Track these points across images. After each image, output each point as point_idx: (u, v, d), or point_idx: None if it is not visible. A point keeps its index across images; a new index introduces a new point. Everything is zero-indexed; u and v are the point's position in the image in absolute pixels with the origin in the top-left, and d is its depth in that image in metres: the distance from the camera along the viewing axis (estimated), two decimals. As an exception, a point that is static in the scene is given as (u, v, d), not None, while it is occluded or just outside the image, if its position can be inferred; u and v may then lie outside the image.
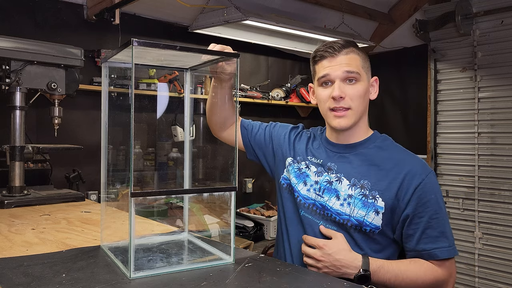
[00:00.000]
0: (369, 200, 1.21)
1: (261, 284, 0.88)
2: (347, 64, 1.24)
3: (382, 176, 1.23)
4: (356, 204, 1.22)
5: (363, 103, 1.28)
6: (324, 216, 1.27)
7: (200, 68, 1.23)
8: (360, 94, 1.26)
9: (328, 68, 1.26)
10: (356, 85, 1.25)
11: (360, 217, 1.22)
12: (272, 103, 3.60)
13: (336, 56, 1.25)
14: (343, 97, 1.24)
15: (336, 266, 1.12)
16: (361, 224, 1.21)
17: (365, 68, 1.28)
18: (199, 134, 2.62)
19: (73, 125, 2.69)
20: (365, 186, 1.23)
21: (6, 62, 1.72)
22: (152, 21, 3.07)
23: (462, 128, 3.40)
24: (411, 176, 1.20)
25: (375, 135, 1.35)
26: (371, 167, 1.26)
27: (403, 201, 1.20)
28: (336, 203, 1.26)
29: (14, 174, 1.80)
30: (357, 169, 1.27)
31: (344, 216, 1.23)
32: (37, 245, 1.15)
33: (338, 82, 1.24)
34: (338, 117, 1.26)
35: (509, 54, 3.12)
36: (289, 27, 2.86)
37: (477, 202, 3.29)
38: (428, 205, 1.19)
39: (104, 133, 1.11)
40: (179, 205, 2.53)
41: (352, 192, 1.24)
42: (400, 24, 3.90)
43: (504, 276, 3.14)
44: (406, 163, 1.23)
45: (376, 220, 1.20)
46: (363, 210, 1.21)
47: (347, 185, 1.26)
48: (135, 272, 0.90)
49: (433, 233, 1.19)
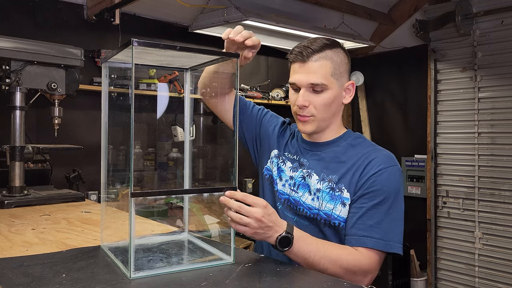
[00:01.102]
0: (336, 193, 1.22)
1: (261, 284, 0.88)
2: (314, 73, 1.23)
3: (348, 170, 1.24)
4: (324, 197, 1.24)
5: (329, 111, 1.27)
6: (297, 211, 1.29)
7: (200, 68, 1.23)
8: (325, 103, 1.25)
9: (297, 75, 1.26)
10: (322, 95, 1.25)
11: (328, 210, 1.22)
12: (272, 103, 3.60)
13: (305, 62, 1.24)
14: (306, 106, 1.25)
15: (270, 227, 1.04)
16: (330, 218, 1.22)
17: (336, 75, 1.26)
18: (199, 134, 2.62)
19: (73, 125, 2.69)
20: (332, 179, 1.25)
21: (6, 62, 1.72)
22: (152, 21, 3.07)
23: (462, 128, 3.40)
24: (371, 165, 1.21)
25: (348, 133, 1.35)
26: (340, 163, 1.27)
27: (358, 186, 1.20)
28: (308, 198, 1.27)
29: (14, 174, 1.80)
30: (327, 166, 1.28)
31: (314, 211, 1.25)
32: (37, 245, 1.15)
33: (303, 90, 1.25)
34: (302, 122, 1.28)
35: (509, 54, 3.12)
36: (289, 27, 2.86)
37: (477, 202, 3.29)
38: (375, 194, 1.18)
39: (104, 133, 1.11)
40: (179, 205, 2.53)
41: (321, 186, 1.25)
42: (400, 24, 3.90)
43: (504, 276, 3.14)
44: (371, 155, 1.24)
45: (343, 212, 1.21)
46: (330, 203, 1.22)
47: (316, 179, 1.27)
48: (135, 272, 0.90)
49: (368, 221, 1.16)
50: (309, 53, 1.24)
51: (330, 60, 1.25)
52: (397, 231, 1.18)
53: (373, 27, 3.99)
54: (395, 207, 1.19)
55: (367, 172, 1.20)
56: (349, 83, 1.31)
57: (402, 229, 1.20)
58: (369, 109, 4.20)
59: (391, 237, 1.16)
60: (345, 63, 1.29)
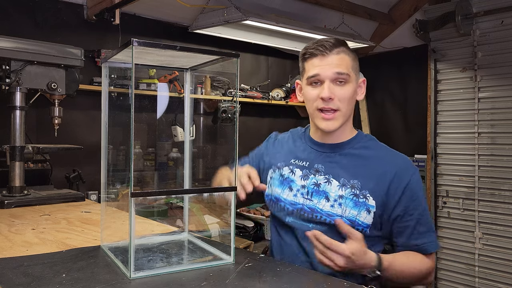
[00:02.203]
0: (360, 200, 1.22)
1: (261, 284, 0.89)
2: (337, 65, 1.23)
3: (370, 176, 1.24)
4: (347, 204, 1.23)
5: (351, 105, 1.28)
6: (313, 219, 1.26)
7: (200, 68, 1.23)
8: (349, 96, 1.26)
9: (318, 68, 1.24)
10: (346, 87, 1.25)
11: (352, 216, 1.22)
12: (272, 103, 3.60)
13: (327, 55, 1.24)
14: (332, 98, 1.23)
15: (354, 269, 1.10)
16: (353, 224, 1.22)
17: (354, 69, 1.28)
18: (199, 134, 2.62)
19: (73, 125, 2.69)
20: (355, 185, 1.24)
21: (6, 62, 1.72)
22: (152, 21, 3.07)
23: (462, 128, 3.40)
24: (400, 175, 1.23)
25: (360, 134, 1.35)
26: (359, 167, 1.26)
27: (394, 199, 1.22)
28: (326, 205, 1.25)
29: (14, 174, 1.80)
30: (346, 170, 1.27)
31: (336, 217, 1.23)
32: (37, 245, 1.15)
33: (327, 82, 1.24)
34: (326, 120, 1.26)
35: (509, 54, 3.12)
36: (289, 27, 2.86)
37: (477, 202, 3.28)
38: (417, 202, 1.23)
39: (104, 133, 1.11)
40: (179, 205, 2.53)
41: (343, 193, 1.24)
42: (400, 24, 3.89)
43: (504, 276, 3.13)
44: (393, 161, 1.26)
45: (368, 219, 1.22)
46: (354, 210, 1.22)
47: (337, 185, 1.26)
48: (135, 272, 0.90)
49: (422, 228, 1.23)
50: (330, 46, 1.24)
51: (348, 54, 1.27)
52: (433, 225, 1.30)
53: (373, 27, 3.98)
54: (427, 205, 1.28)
55: (398, 184, 1.23)
56: (361, 80, 1.32)
57: None
58: (369, 109, 4.19)
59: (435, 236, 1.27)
60: (357, 60, 1.31)
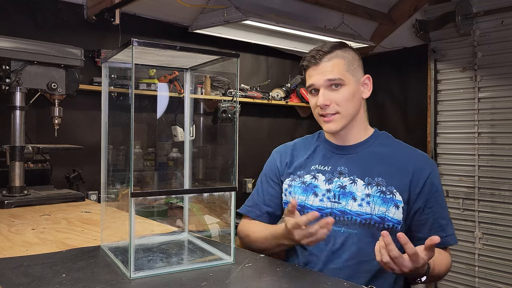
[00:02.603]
0: (388, 196, 1.25)
1: (261, 284, 0.89)
2: (329, 72, 1.28)
3: (393, 172, 1.27)
4: (375, 201, 1.25)
5: (352, 105, 1.30)
6: (345, 221, 1.27)
7: (200, 68, 1.23)
8: (346, 98, 1.28)
9: (313, 77, 1.31)
10: (341, 90, 1.28)
11: (381, 213, 1.24)
12: (272, 103, 3.60)
13: (318, 64, 1.30)
14: (328, 105, 1.28)
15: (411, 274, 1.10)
16: (383, 220, 1.24)
17: (351, 70, 1.30)
18: (199, 134, 2.62)
19: (73, 125, 2.69)
20: (380, 183, 1.26)
21: (6, 62, 1.72)
22: (152, 21, 3.07)
23: (462, 128, 3.40)
24: (420, 169, 1.27)
25: (377, 133, 1.38)
26: (381, 164, 1.29)
27: (415, 192, 1.26)
28: (354, 205, 1.27)
29: (14, 174, 1.80)
30: (369, 168, 1.29)
31: (366, 216, 1.25)
32: (37, 245, 1.15)
33: (322, 90, 1.29)
34: (327, 122, 1.31)
35: (509, 54, 3.12)
36: (289, 27, 2.86)
37: (477, 202, 3.28)
38: (436, 195, 1.27)
39: (104, 133, 1.11)
40: (179, 205, 2.53)
41: (370, 191, 1.26)
42: (400, 24, 3.89)
43: (504, 276, 3.13)
44: (413, 156, 1.31)
45: (397, 214, 1.24)
46: (383, 206, 1.24)
47: (363, 185, 1.28)
48: (135, 272, 0.90)
49: (442, 221, 1.27)
50: (321, 55, 1.30)
51: (342, 58, 1.29)
52: None
53: (373, 27, 3.98)
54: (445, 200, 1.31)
55: (418, 178, 1.27)
56: (364, 77, 1.34)
57: None
58: (369, 109, 4.19)
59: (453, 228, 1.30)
60: (357, 59, 1.33)
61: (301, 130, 4.07)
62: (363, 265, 1.25)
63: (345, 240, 1.26)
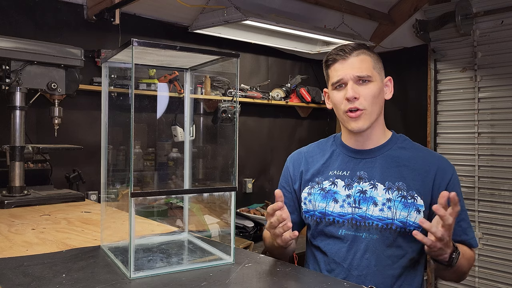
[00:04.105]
0: (409, 201, 1.24)
1: (261, 284, 0.89)
2: (358, 67, 1.27)
3: (414, 176, 1.26)
4: (397, 206, 1.24)
5: (377, 103, 1.30)
6: (366, 226, 1.27)
7: (200, 68, 1.23)
8: (374, 94, 1.27)
9: (341, 71, 1.28)
10: (369, 85, 1.28)
11: (403, 218, 1.23)
12: (272, 103, 3.60)
13: (347, 58, 1.28)
14: (357, 98, 1.26)
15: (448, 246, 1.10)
16: (405, 225, 1.23)
17: (377, 68, 1.30)
18: (199, 134, 2.61)
19: (73, 125, 2.69)
20: (401, 187, 1.25)
21: (6, 62, 1.72)
22: (152, 21, 3.07)
23: (462, 128, 3.40)
24: (442, 173, 1.27)
25: (395, 136, 1.38)
26: (401, 168, 1.28)
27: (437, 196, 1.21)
28: (375, 210, 1.26)
29: (14, 174, 1.80)
30: (388, 172, 1.28)
31: (387, 221, 1.24)
32: (37, 245, 1.15)
33: (351, 83, 1.27)
34: (354, 120, 1.28)
35: (509, 54, 3.12)
36: (289, 27, 2.86)
37: (477, 202, 3.28)
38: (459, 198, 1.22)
39: (104, 133, 1.11)
40: (179, 205, 2.53)
41: (391, 196, 1.25)
42: (400, 24, 3.89)
43: (504, 276, 3.13)
44: (433, 160, 1.30)
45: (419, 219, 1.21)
46: (404, 211, 1.23)
47: (383, 189, 1.27)
48: (135, 272, 0.90)
49: (465, 224, 1.28)
50: (350, 49, 1.29)
51: (369, 55, 1.30)
52: None
53: (373, 27, 3.98)
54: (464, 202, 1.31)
55: (441, 181, 1.26)
56: (387, 78, 1.34)
57: None
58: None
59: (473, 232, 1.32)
60: (380, 60, 1.34)
61: (301, 130, 4.07)
62: (386, 270, 1.25)
63: (367, 246, 1.25)
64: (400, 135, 1.39)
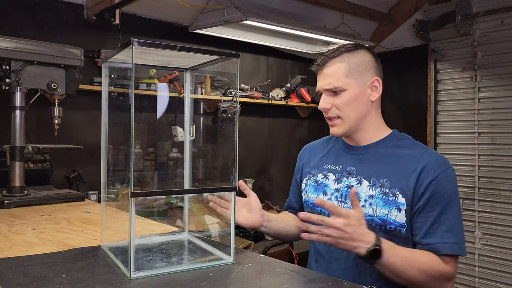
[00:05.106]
0: (390, 198, 1.22)
1: (261, 284, 0.89)
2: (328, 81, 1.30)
3: (400, 173, 1.24)
4: (377, 203, 1.24)
5: (353, 109, 1.29)
6: None
7: (200, 68, 1.23)
8: (346, 102, 1.29)
9: (318, 82, 1.34)
10: (341, 95, 1.29)
11: (383, 215, 1.23)
12: (272, 103, 3.60)
13: (322, 70, 1.32)
14: (328, 108, 1.31)
15: (354, 238, 1.07)
16: (385, 223, 1.22)
17: (353, 74, 1.28)
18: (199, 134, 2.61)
19: (73, 125, 2.69)
20: (384, 184, 1.24)
21: (6, 62, 1.72)
22: (152, 21, 3.07)
23: (462, 128, 3.40)
24: (428, 170, 1.21)
25: (394, 134, 1.36)
26: (389, 165, 1.27)
27: (418, 194, 1.21)
28: None
29: (14, 174, 1.80)
30: (376, 169, 1.28)
31: (368, 217, 1.23)
32: (37, 245, 1.15)
33: (323, 95, 1.32)
34: (332, 126, 1.34)
35: (509, 54, 3.12)
36: (289, 27, 2.86)
37: (477, 202, 3.28)
38: (440, 199, 1.19)
39: (104, 133, 1.11)
40: (179, 205, 2.53)
41: (373, 192, 1.25)
42: (400, 24, 3.89)
43: (504, 276, 3.13)
44: (424, 158, 1.24)
45: (399, 217, 1.21)
46: (385, 209, 1.22)
47: (367, 186, 1.27)
48: (135, 272, 0.90)
49: (441, 227, 1.18)
50: (325, 60, 1.31)
51: (346, 62, 1.29)
52: (463, 232, 1.21)
53: (373, 27, 3.99)
54: (457, 208, 1.22)
55: (424, 178, 1.20)
56: (373, 79, 1.31)
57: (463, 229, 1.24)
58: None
59: (462, 239, 1.19)
60: (367, 61, 1.31)
61: (301, 130, 4.07)
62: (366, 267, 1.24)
63: None
64: (402, 134, 1.37)
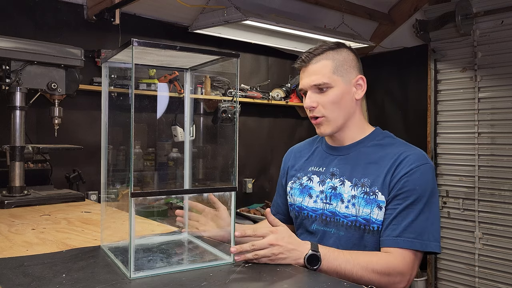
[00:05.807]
0: (371, 197, 1.22)
1: (261, 284, 0.89)
2: (314, 77, 1.27)
3: (379, 172, 1.23)
4: (360, 203, 1.23)
5: (339, 108, 1.28)
6: (335, 222, 1.27)
7: (200, 68, 1.23)
8: (332, 101, 1.27)
9: (302, 80, 1.31)
10: (328, 92, 1.27)
11: (366, 215, 1.22)
12: (272, 103, 3.60)
13: (306, 66, 1.30)
14: (314, 106, 1.28)
15: (289, 249, 1.04)
16: (368, 222, 1.21)
17: (340, 71, 1.27)
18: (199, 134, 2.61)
19: (73, 125, 2.69)
20: (365, 184, 1.24)
21: (6, 62, 1.72)
22: (152, 21, 3.07)
23: (462, 128, 3.40)
24: (403, 165, 1.20)
25: (375, 132, 1.34)
26: (370, 164, 1.26)
27: (391, 187, 1.20)
28: (341, 207, 1.26)
29: (14, 174, 1.80)
30: (357, 169, 1.27)
31: (352, 218, 1.23)
32: (37, 245, 1.15)
33: (309, 92, 1.29)
34: (317, 125, 1.31)
35: (509, 54, 3.12)
36: (289, 27, 2.86)
37: (477, 202, 3.28)
38: (408, 194, 1.17)
39: (104, 133, 1.11)
40: (179, 205, 2.53)
41: (355, 192, 1.25)
42: (400, 24, 3.89)
43: (504, 276, 3.13)
44: (402, 154, 1.23)
45: (381, 215, 1.20)
46: (367, 208, 1.22)
47: (350, 186, 1.26)
48: (135, 272, 0.90)
49: (403, 222, 1.16)
50: (310, 57, 1.29)
51: (331, 59, 1.28)
52: (433, 230, 1.17)
53: (373, 27, 3.98)
54: (429, 205, 1.19)
55: (398, 172, 1.20)
56: (357, 77, 1.31)
57: (438, 227, 1.20)
58: (369, 109, 4.19)
59: (426, 237, 1.16)
60: (351, 59, 1.30)
61: (301, 130, 4.07)
62: None
63: (334, 241, 1.26)
64: (384, 132, 1.35)
